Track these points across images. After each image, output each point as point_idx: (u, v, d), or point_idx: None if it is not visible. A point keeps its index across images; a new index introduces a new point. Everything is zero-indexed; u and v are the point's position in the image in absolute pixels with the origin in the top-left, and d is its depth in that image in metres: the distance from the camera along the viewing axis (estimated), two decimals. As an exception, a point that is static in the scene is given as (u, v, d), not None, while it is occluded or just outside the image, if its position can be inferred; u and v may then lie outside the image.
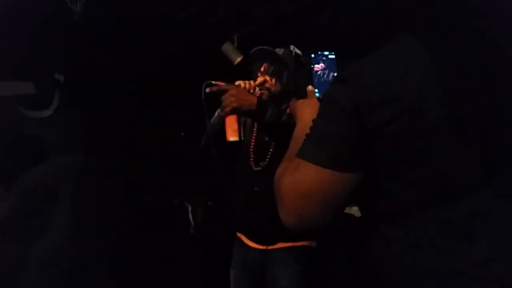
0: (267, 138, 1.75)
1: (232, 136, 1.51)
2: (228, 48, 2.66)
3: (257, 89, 1.67)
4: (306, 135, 0.86)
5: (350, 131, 0.78)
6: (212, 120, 1.72)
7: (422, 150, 0.78)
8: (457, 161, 0.78)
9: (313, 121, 0.86)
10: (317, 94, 1.07)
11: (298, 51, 1.75)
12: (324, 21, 2.34)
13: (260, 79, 1.71)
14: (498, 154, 0.80)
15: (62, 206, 2.94)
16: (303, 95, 1.06)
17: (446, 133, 0.77)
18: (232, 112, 1.49)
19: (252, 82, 1.67)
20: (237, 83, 1.64)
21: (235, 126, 1.52)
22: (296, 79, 1.05)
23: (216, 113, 1.73)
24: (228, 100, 1.47)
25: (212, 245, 3.13)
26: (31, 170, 2.79)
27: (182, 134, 3.15)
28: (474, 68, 0.80)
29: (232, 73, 1.91)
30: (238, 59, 2.62)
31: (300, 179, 0.82)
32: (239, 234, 1.80)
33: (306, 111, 1.05)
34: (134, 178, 3.09)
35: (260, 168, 1.73)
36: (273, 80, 1.73)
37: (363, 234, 0.91)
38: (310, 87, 1.07)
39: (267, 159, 1.72)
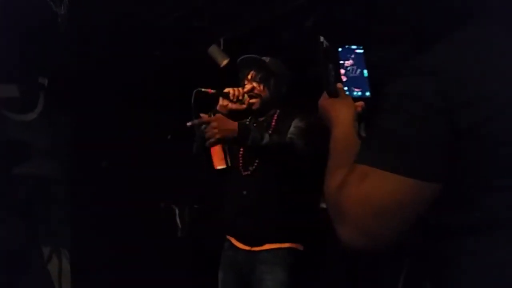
0: None
1: (219, 164, 1.58)
2: (214, 50, 2.66)
3: (245, 96, 1.71)
4: (370, 138, 0.74)
5: (439, 133, 0.66)
6: (202, 127, 1.73)
7: None
8: None
9: (380, 122, 0.72)
10: (346, 93, 0.96)
11: (327, 43, 1.73)
12: (311, 24, 2.36)
13: (248, 86, 1.75)
14: None
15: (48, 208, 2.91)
16: (334, 92, 0.94)
17: None
18: (216, 143, 1.54)
19: (241, 89, 1.71)
20: (226, 90, 1.68)
21: (220, 154, 1.59)
22: (326, 74, 0.95)
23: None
24: (211, 132, 1.51)
25: (199, 248, 3.13)
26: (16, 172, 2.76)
27: (169, 137, 3.14)
28: None
29: (219, 76, 1.92)
30: (225, 62, 2.63)
31: (372, 191, 0.68)
32: (228, 237, 1.81)
33: (343, 111, 0.90)
34: (120, 181, 3.07)
35: (249, 173, 1.75)
36: (261, 86, 1.77)
37: (435, 249, 0.78)
38: (339, 85, 0.95)
39: (255, 164, 1.74)
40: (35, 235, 2.84)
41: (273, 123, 1.80)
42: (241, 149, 1.80)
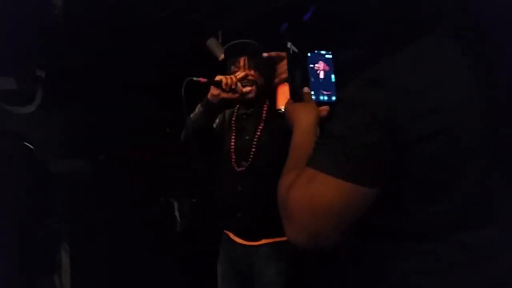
0: (247, 137, 1.73)
1: (282, 105, 1.43)
2: (212, 43, 2.65)
3: (239, 84, 1.63)
4: (321, 143, 0.77)
5: (379, 142, 0.69)
6: (192, 115, 1.70)
7: (454, 174, 0.70)
8: (489, 189, 0.71)
9: (330, 126, 0.76)
10: (313, 97, 0.99)
11: (296, 49, 1.71)
12: (309, 18, 2.34)
13: (241, 74, 1.67)
14: None
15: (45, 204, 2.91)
16: (300, 97, 0.98)
17: (482, 157, 0.70)
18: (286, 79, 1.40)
19: (233, 77, 1.63)
20: (217, 78, 1.61)
21: (287, 94, 1.48)
22: (293, 80, 0.97)
23: (197, 109, 1.71)
24: (283, 68, 1.39)
25: (198, 242, 3.13)
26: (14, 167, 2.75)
27: (168, 130, 3.13)
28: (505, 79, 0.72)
29: (217, 70, 1.90)
30: (223, 55, 2.62)
31: (315, 194, 0.72)
32: (226, 231, 1.79)
33: (305, 117, 0.94)
34: (119, 175, 3.07)
35: (244, 169, 1.70)
36: (257, 73, 1.70)
37: (368, 250, 0.83)
38: (306, 89, 0.98)
39: (249, 159, 1.69)
40: (34, 229, 2.84)
41: (264, 114, 1.74)
42: (233, 144, 1.75)
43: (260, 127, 1.71)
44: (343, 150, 0.72)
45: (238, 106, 1.84)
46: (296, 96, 0.98)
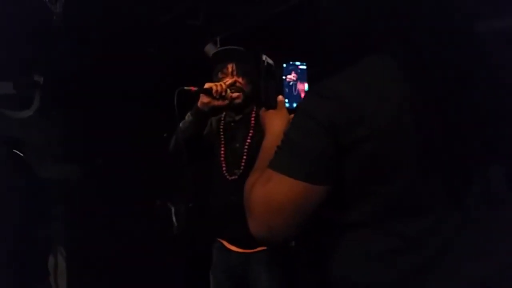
0: (237, 144, 1.72)
1: None
2: (210, 49, 2.66)
3: (228, 91, 1.64)
4: (279, 146, 0.86)
5: (326, 147, 0.79)
6: (181, 125, 1.69)
7: (389, 171, 0.80)
8: (420, 186, 0.81)
9: (287, 132, 0.86)
10: (287, 105, 1.07)
11: (270, 61, 1.72)
12: (306, 25, 2.35)
13: (230, 80, 1.67)
14: (463, 184, 0.84)
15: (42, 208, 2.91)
16: (273, 105, 1.06)
17: (413, 157, 0.80)
18: None
19: (222, 84, 1.63)
20: (207, 85, 1.61)
21: None
22: (266, 89, 1.03)
23: (187, 117, 1.71)
24: None
25: (194, 246, 3.13)
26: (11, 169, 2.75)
27: (165, 135, 3.13)
28: (449, 95, 0.82)
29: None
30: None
31: (272, 191, 0.81)
32: (219, 239, 1.78)
33: (276, 123, 1.04)
34: (115, 179, 3.07)
35: (236, 177, 1.69)
36: (245, 80, 1.70)
37: (321, 241, 0.93)
38: (280, 97, 1.07)
39: (241, 167, 1.68)
40: (30, 233, 2.83)
41: (252, 121, 1.73)
42: (222, 153, 1.74)
43: (250, 134, 1.71)
44: (295, 153, 0.81)
45: (224, 113, 1.84)
46: (269, 105, 1.06)
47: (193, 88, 1.59)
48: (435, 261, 0.80)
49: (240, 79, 1.70)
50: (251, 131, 1.72)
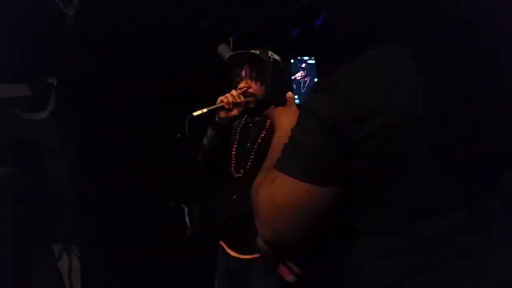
0: (249, 144, 1.71)
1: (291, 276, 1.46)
2: (223, 49, 2.65)
3: (241, 97, 1.62)
4: (284, 145, 0.82)
5: (329, 145, 0.74)
6: (205, 140, 1.69)
7: (401, 170, 0.75)
8: (432, 186, 0.75)
9: (291, 131, 0.81)
10: (297, 101, 1.04)
11: (277, 57, 1.67)
12: (321, 23, 2.33)
13: (242, 86, 1.66)
14: (479, 182, 0.78)
15: (57, 208, 2.94)
16: (282, 102, 1.02)
17: (426, 156, 0.74)
18: None
19: (234, 92, 1.62)
20: (219, 100, 1.60)
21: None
22: (274, 86, 1.01)
23: (208, 133, 1.70)
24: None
25: (207, 248, 3.13)
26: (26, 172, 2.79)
27: (178, 135, 3.14)
28: (465, 86, 0.75)
29: (228, 76, 1.89)
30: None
31: (276, 192, 0.78)
32: (221, 242, 1.76)
33: (285, 119, 1.00)
34: (129, 180, 3.08)
35: (241, 175, 1.67)
36: (258, 84, 1.67)
37: (335, 246, 0.89)
38: (289, 94, 1.03)
39: (248, 166, 1.66)
40: (45, 233, 2.87)
41: (267, 123, 1.71)
42: (234, 149, 1.72)
43: (262, 135, 1.70)
44: (297, 152, 0.78)
45: (246, 116, 1.84)
46: (278, 102, 1.04)
47: (203, 111, 1.57)
48: (452, 264, 0.75)
49: (252, 83, 1.68)
50: (264, 132, 1.70)
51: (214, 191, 1.83)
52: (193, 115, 1.54)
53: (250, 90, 1.66)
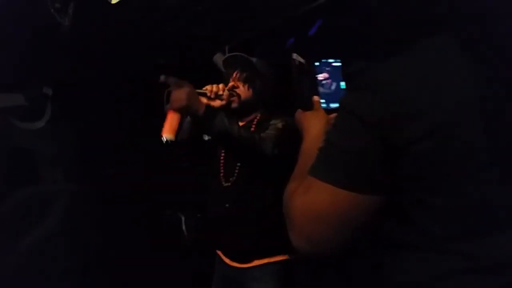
0: None
1: (168, 133, 1.42)
2: (219, 58, 2.67)
3: (226, 91, 1.63)
4: (319, 149, 0.75)
5: (371, 148, 0.67)
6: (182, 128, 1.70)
7: (452, 177, 0.67)
8: (488, 195, 0.67)
9: (327, 133, 0.75)
10: (323, 105, 1.00)
11: (302, 60, 1.70)
12: (315, 32, 2.34)
13: (230, 84, 1.68)
14: None
15: (53, 218, 2.93)
16: (309, 106, 0.98)
17: (483, 162, 0.66)
18: (178, 109, 1.42)
19: (221, 85, 1.64)
20: (205, 87, 1.61)
21: (175, 124, 1.44)
22: (300, 89, 0.98)
23: (185, 121, 1.71)
24: (178, 96, 1.42)
25: (204, 256, 3.11)
26: (22, 182, 2.78)
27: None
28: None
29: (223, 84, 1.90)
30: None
31: (312, 200, 0.72)
32: (217, 251, 1.75)
33: (313, 124, 0.94)
34: (126, 189, 3.07)
35: (230, 184, 1.66)
36: (246, 87, 1.70)
37: (376, 259, 0.80)
38: (316, 98, 0.98)
39: (235, 175, 1.66)
40: (39, 242, 2.85)
41: (253, 128, 1.72)
42: (222, 157, 1.72)
43: None
44: (335, 156, 0.71)
45: None
46: (305, 106, 0.99)
47: None
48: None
49: (240, 85, 1.69)
50: None
51: (208, 200, 1.83)
52: (171, 90, 1.53)
53: (237, 91, 1.67)
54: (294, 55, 0.99)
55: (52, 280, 2.75)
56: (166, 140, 1.42)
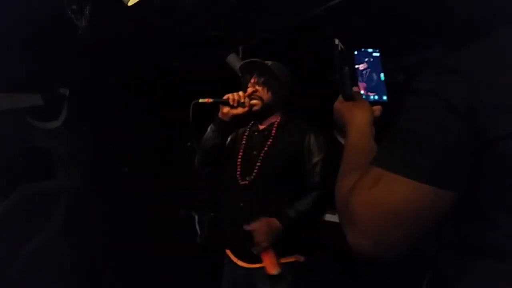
0: (255, 152, 1.71)
1: (273, 270, 1.52)
2: (233, 59, 2.67)
3: (247, 99, 1.64)
4: (390, 139, 0.67)
5: (462, 140, 0.59)
6: (205, 136, 1.70)
7: None
8: None
9: (401, 120, 0.66)
10: (362, 97, 0.93)
11: (343, 47, 1.66)
12: (329, 32, 2.33)
13: (249, 90, 1.68)
14: None
15: (64, 216, 2.97)
16: (351, 96, 0.91)
17: None
18: (266, 249, 1.53)
19: (241, 92, 1.64)
20: (225, 97, 1.61)
21: (273, 259, 1.53)
22: (342, 78, 0.92)
23: (209, 129, 1.71)
24: (260, 238, 1.52)
25: (217, 255, 3.12)
26: (36, 180, 2.83)
27: (189, 144, 3.16)
28: None
29: (238, 85, 1.91)
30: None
31: (384, 196, 0.63)
32: (227, 251, 1.74)
33: (358, 116, 0.86)
34: (140, 188, 3.11)
35: (246, 183, 1.65)
36: (265, 90, 1.70)
37: (442, 267, 0.72)
38: (356, 88, 0.91)
39: (253, 173, 1.65)
40: (54, 242, 2.90)
41: (273, 132, 1.72)
42: (240, 156, 1.72)
43: (268, 143, 1.70)
44: (416, 148, 0.61)
45: (252, 123, 1.84)
46: (347, 95, 0.90)
47: (209, 100, 1.58)
48: None
49: (260, 89, 1.70)
50: (269, 140, 1.70)
51: (222, 199, 1.83)
52: (198, 101, 1.55)
53: (258, 94, 1.69)
54: (336, 40, 0.90)
55: (66, 273, 2.79)
56: (276, 274, 1.52)
